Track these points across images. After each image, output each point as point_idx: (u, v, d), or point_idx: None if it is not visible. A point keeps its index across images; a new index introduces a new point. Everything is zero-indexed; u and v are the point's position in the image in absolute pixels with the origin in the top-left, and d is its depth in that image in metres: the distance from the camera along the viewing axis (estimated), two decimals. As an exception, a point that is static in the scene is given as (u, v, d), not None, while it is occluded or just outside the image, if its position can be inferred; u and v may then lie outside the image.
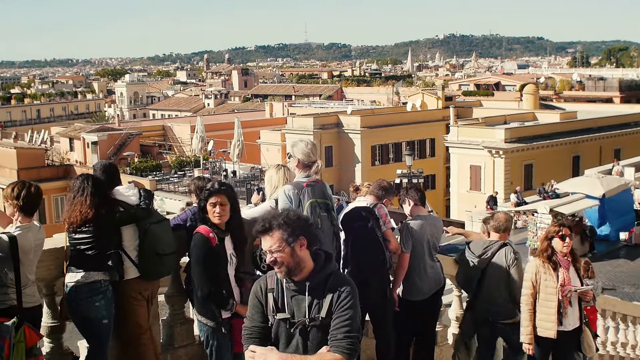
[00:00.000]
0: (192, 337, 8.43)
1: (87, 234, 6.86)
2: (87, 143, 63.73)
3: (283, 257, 4.55)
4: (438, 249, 8.58)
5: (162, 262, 7.30)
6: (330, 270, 4.67)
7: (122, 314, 7.26)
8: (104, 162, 7.86)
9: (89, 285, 6.88)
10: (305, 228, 4.64)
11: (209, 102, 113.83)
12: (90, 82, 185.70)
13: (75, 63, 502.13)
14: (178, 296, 8.30)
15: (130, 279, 7.26)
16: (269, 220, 4.63)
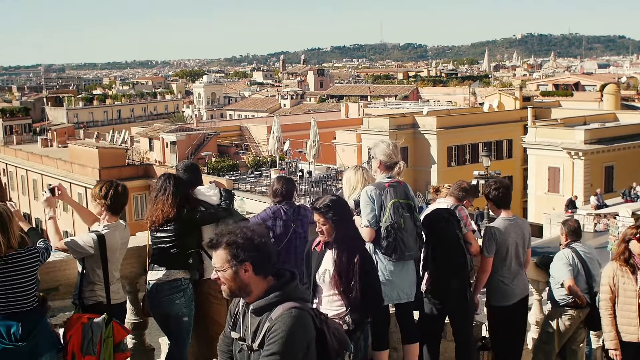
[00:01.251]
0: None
1: (169, 232, 6.98)
2: (166, 143, 64.73)
3: (226, 278, 4.21)
4: (525, 253, 8.26)
5: None
6: (280, 298, 4.17)
7: (201, 312, 7.33)
8: (187, 161, 7.95)
9: (169, 283, 6.98)
10: (253, 251, 4.17)
11: (285, 102, 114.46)
12: (169, 83, 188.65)
13: (154, 64, 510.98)
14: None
15: (210, 278, 7.26)
16: (218, 236, 4.27)
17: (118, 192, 6.75)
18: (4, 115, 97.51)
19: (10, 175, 71.21)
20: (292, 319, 4.06)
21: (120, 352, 6.61)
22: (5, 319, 5.85)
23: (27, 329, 5.90)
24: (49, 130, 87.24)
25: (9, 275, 5.81)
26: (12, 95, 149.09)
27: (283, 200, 7.98)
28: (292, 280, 4.30)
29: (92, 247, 6.53)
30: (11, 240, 5.82)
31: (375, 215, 7.07)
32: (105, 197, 6.68)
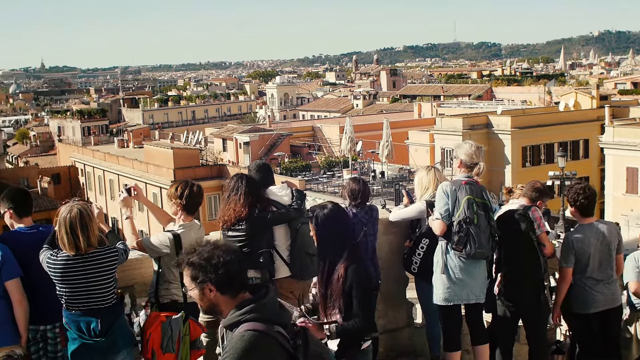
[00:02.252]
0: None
1: (241, 232, 7.01)
2: (240, 143, 65.29)
3: (194, 295, 4.10)
4: (613, 258, 7.84)
5: (313, 262, 7.27)
6: (241, 318, 3.93)
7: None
8: (259, 162, 8.00)
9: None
10: (212, 273, 3.99)
11: (357, 102, 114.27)
12: (242, 84, 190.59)
13: (228, 66, 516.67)
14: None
15: (281, 278, 7.34)
16: (184, 255, 4.16)
17: (193, 192, 6.84)
18: (82, 117, 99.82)
19: (87, 175, 72.82)
20: (242, 343, 3.79)
21: (196, 349, 6.71)
22: (86, 315, 6.02)
23: (106, 325, 6.05)
24: (125, 131, 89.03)
25: (89, 272, 5.96)
26: (90, 97, 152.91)
27: (361, 201, 7.94)
28: (263, 298, 4.02)
29: (167, 246, 6.64)
30: (91, 239, 5.97)
31: (449, 209, 7.08)
32: (180, 197, 6.79)
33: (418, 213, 7.99)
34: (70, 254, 5.92)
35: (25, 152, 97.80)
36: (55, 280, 6.00)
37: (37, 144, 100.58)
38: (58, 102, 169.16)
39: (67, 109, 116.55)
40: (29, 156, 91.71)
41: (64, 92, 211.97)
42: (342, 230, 5.84)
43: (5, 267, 6.20)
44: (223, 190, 7.28)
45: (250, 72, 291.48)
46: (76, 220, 5.92)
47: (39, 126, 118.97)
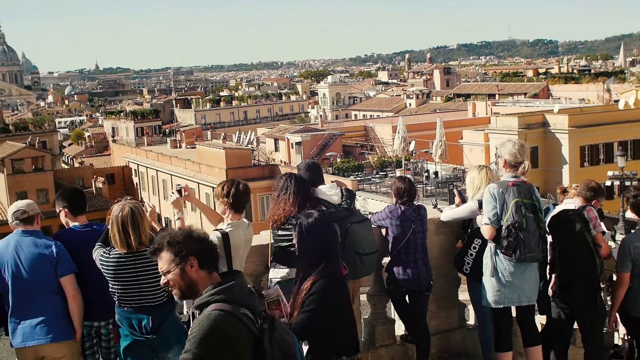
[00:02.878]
0: (393, 336, 8.42)
1: (290, 231, 6.93)
2: (291, 143, 65.43)
3: (173, 279, 4.22)
4: None
5: (362, 261, 7.32)
6: (211, 298, 4.04)
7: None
8: (308, 161, 8.00)
9: (290, 281, 6.96)
10: (195, 247, 4.21)
11: (410, 102, 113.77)
12: (294, 84, 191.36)
13: (279, 65, 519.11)
14: (379, 295, 8.33)
15: None
16: (158, 240, 4.32)
17: (239, 190, 6.83)
18: (135, 118, 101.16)
19: (141, 175, 73.80)
20: (208, 321, 3.90)
21: None
22: (137, 312, 6.10)
23: (157, 322, 6.13)
24: (178, 131, 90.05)
25: (140, 270, 6.04)
26: (143, 98, 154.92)
27: (407, 199, 7.91)
28: (233, 281, 4.16)
29: (216, 244, 6.62)
30: (142, 237, 6.05)
31: (497, 213, 7.01)
32: (227, 196, 6.78)
33: (470, 213, 7.89)
34: (122, 252, 6.02)
35: (81, 152, 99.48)
36: (108, 278, 6.11)
37: (92, 145, 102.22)
38: (112, 103, 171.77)
39: (121, 110, 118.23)
40: (84, 156, 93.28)
41: (118, 93, 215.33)
42: (323, 241, 5.74)
43: (60, 264, 6.34)
44: (273, 189, 7.26)
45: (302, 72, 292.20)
46: (128, 219, 6.01)
47: (94, 127, 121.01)
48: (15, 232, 6.52)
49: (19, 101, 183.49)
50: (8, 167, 63.14)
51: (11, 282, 6.31)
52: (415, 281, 7.84)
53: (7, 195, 60.90)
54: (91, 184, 67.05)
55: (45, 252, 6.33)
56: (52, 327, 6.29)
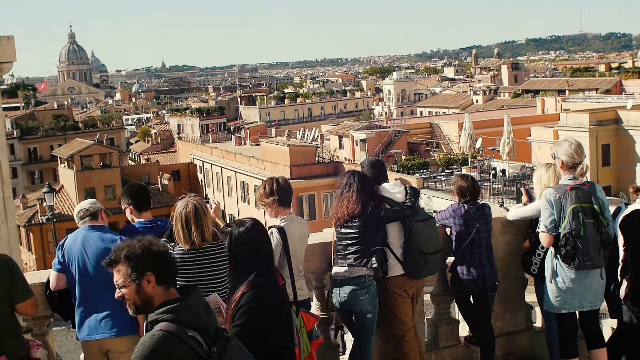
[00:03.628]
0: (457, 337, 8.32)
1: (353, 229, 6.97)
2: (356, 141, 65.26)
3: (129, 293, 4.11)
4: None
5: (426, 260, 7.26)
6: (160, 317, 3.93)
7: (386, 310, 7.32)
8: (372, 158, 7.96)
9: (353, 280, 6.99)
10: (154, 262, 4.07)
11: (477, 98, 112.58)
12: (358, 80, 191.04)
13: (344, 62, 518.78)
14: (443, 295, 8.22)
15: (395, 276, 7.31)
16: (115, 252, 4.19)
17: (280, 184, 6.84)
18: (200, 115, 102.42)
19: (206, 172, 74.61)
20: (150, 342, 3.79)
21: (314, 339, 6.70)
22: None
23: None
24: (243, 128, 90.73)
25: (203, 266, 6.05)
26: (209, 95, 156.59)
27: (470, 198, 7.79)
28: (186, 299, 4.03)
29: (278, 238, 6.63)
30: (205, 234, 6.03)
31: (554, 220, 6.85)
32: (272, 194, 6.78)
33: (537, 212, 7.68)
34: (185, 248, 6.03)
35: (147, 149, 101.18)
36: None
37: (158, 142, 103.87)
38: (178, 101, 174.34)
39: (187, 107, 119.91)
40: (150, 153, 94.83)
41: (184, 91, 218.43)
42: (254, 251, 5.62)
43: None
44: (336, 187, 7.22)
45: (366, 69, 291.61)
46: (191, 215, 6.01)
47: (160, 124, 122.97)
48: (82, 227, 6.61)
49: (88, 99, 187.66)
50: (77, 163, 64.55)
51: (78, 276, 6.38)
52: (480, 281, 7.73)
53: (76, 191, 62.26)
54: (157, 181, 68.12)
55: (111, 246, 6.28)
56: (117, 322, 6.34)
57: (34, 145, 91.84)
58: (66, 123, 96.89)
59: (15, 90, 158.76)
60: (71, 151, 67.38)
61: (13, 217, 7.92)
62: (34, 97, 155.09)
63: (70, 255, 6.45)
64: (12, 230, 7.71)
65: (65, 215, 56.22)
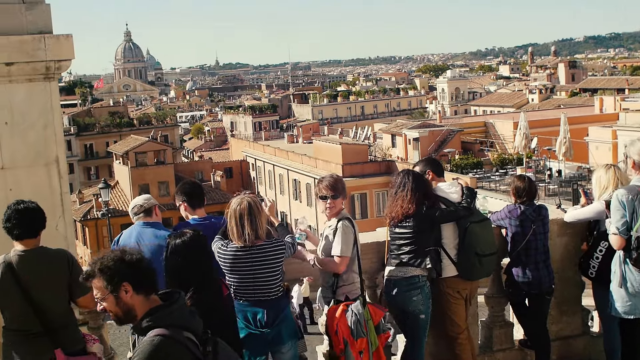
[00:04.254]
0: (511, 341, 8.22)
1: (407, 229, 6.91)
2: (409, 139, 64.92)
3: (109, 306, 4.11)
4: None
5: (481, 262, 7.18)
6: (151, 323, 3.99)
7: (439, 311, 7.26)
8: (428, 157, 7.92)
9: (407, 280, 6.95)
10: (128, 271, 4.07)
11: (532, 97, 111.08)
12: (412, 78, 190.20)
13: (397, 60, 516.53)
14: (498, 297, 8.13)
15: (449, 277, 7.24)
16: (90, 265, 4.17)
17: (340, 178, 6.89)
18: (253, 113, 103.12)
19: (258, 169, 74.98)
20: (150, 347, 3.84)
21: (381, 332, 6.73)
22: (252, 305, 6.18)
23: (271, 316, 6.19)
24: (295, 126, 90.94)
25: (256, 264, 6.08)
26: (262, 93, 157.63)
27: (527, 199, 7.68)
28: (173, 304, 4.08)
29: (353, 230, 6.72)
30: (258, 231, 6.08)
31: (626, 222, 6.66)
32: (337, 191, 6.83)
33: (596, 214, 7.53)
34: (239, 245, 6.07)
35: (200, 146, 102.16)
36: (225, 270, 6.20)
37: (211, 139, 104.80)
38: (231, 98, 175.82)
39: (240, 105, 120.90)
40: (203, 150, 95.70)
41: (237, 89, 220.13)
42: (190, 265, 5.55)
43: None
44: (390, 186, 7.20)
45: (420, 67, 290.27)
46: (245, 212, 6.06)
47: (213, 121, 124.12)
48: (136, 223, 6.70)
49: (143, 96, 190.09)
50: (132, 159, 65.44)
51: (132, 271, 6.44)
52: (536, 284, 7.62)
53: (131, 186, 63.12)
54: (210, 178, 68.74)
55: (164, 242, 6.44)
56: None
57: (90, 142, 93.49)
58: (121, 120, 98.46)
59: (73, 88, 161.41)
60: (126, 148, 68.35)
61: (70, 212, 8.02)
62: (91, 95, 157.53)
63: None
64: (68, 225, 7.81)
65: (119, 210, 57.04)
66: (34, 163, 7.67)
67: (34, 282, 5.70)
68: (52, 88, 7.76)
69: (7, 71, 7.46)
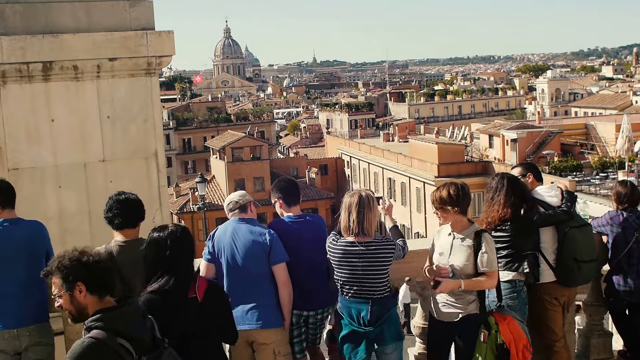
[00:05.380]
0: (609, 351, 7.99)
1: (505, 232, 6.77)
2: (506, 140, 63.87)
3: (64, 303, 4.25)
4: None
5: (580, 268, 6.98)
6: (91, 324, 4.10)
7: (535, 317, 7.09)
8: (526, 162, 7.75)
9: (503, 284, 6.78)
10: (83, 272, 4.19)
11: (637, 99, 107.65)
12: (511, 78, 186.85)
13: (496, 60, 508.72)
14: (597, 306, 7.90)
15: (546, 283, 7.07)
16: (50, 263, 4.31)
17: (465, 191, 6.51)
18: (349, 110, 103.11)
19: (353, 167, 75.02)
20: (80, 349, 3.97)
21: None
22: (357, 302, 6.18)
23: (375, 314, 6.17)
24: (391, 125, 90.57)
25: (364, 260, 6.08)
26: (358, 91, 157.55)
27: (629, 205, 7.46)
28: (120, 308, 4.22)
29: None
30: (364, 225, 6.10)
31: None
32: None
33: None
34: (349, 240, 6.10)
35: (296, 143, 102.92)
36: (334, 264, 6.26)
37: (307, 136, 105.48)
38: (327, 96, 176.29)
39: (336, 102, 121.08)
40: (299, 147, 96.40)
41: (334, 86, 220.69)
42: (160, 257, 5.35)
43: (273, 252, 6.48)
44: (486, 189, 7.07)
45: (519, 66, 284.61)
46: (354, 207, 6.09)
47: (309, 119, 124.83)
48: (232, 219, 6.73)
49: (241, 92, 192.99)
50: (228, 154, 66.48)
51: (226, 267, 6.50)
52: (638, 294, 7.39)
53: (227, 181, 64.11)
54: (305, 174, 69.15)
55: (259, 239, 6.49)
56: (263, 314, 6.44)
57: (188, 136, 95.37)
58: (219, 115, 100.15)
59: (173, 83, 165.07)
60: (223, 143, 69.46)
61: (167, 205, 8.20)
62: (190, 90, 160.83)
63: (219, 246, 6.59)
64: (165, 218, 7.99)
65: (215, 204, 58.05)
66: (133, 156, 7.85)
67: (133, 272, 5.81)
68: (153, 83, 7.92)
69: (110, 66, 7.64)
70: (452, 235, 6.29)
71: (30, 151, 7.67)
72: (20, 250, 6.27)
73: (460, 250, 6.21)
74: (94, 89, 7.75)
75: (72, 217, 7.87)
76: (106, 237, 6.20)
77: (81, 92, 7.74)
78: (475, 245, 6.15)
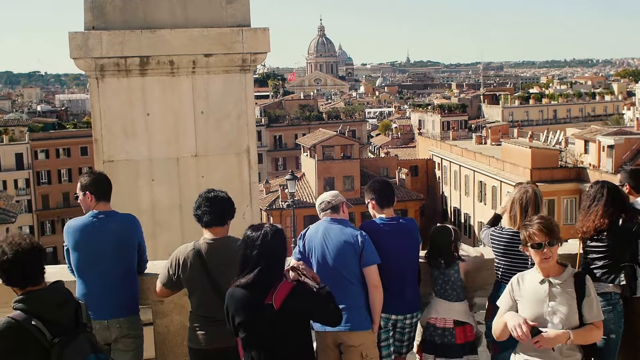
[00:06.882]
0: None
1: (601, 242, 6.57)
2: (603, 146, 62.29)
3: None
4: None
5: None
6: (14, 306, 4.52)
7: (631, 332, 6.82)
8: (632, 169, 7.52)
9: (599, 296, 6.54)
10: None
11: None
12: (609, 83, 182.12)
13: (595, 63, 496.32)
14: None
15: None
16: None
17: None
18: (442, 111, 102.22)
19: (444, 169, 74.36)
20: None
21: None
22: None
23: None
24: (484, 127, 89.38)
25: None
26: (451, 92, 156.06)
27: None
28: (40, 292, 4.53)
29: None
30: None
31: None
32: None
33: None
34: (514, 230, 6.41)
35: (387, 143, 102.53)
36: (496, 254, 6.58)
37: (398, 136, 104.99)
38: (420, 96, 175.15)
39: (429, 103, 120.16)
40: (389, 147, 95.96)
41: (427, 87, 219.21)
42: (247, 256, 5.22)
43: (364, 254, 6.44)
44: (582, 198, 6.88)
45: (618, 71, 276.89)
46: (532, 201, 6.49)
47: (401, 119, 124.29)
48: (323, 219, 6.71)
49: (333, 91, 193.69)
50: (319, 152, 66.70)
51: (316, 267, 6.47)
52: None
53: (316, 179, 64.35)
54: (395, 175, 68.85)
55: (351, 240, 6.45)
56: (352, 316, 6.39)
57: (279, 133, 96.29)
58: (311, 113, 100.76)
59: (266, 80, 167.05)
60: (314, 141, 69.77)
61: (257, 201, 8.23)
62: (283, 87, 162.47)
63: (310, 245, 6.58)
64: (255, 214, 8.03)
65: (304, 202, 58.31)
66: (226, 152, 7.89)
67: (221, 270, 5.83)
68: (247, 80, 7.95)
69: (205, 62, 7.71)
70: (547, 281, 5.43)
71: (125, 144, 7.82)
72: (114, 242, 6.37)
73: (562, 298, 5.40)
74: (189, 85, 7.84)
75: (164, 210, 7.98)
76: (197, 232, 6.23)
77: (176, 87, 7.85)
78: (578, 291, 5.41)
